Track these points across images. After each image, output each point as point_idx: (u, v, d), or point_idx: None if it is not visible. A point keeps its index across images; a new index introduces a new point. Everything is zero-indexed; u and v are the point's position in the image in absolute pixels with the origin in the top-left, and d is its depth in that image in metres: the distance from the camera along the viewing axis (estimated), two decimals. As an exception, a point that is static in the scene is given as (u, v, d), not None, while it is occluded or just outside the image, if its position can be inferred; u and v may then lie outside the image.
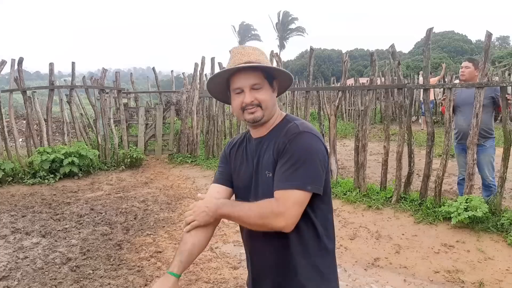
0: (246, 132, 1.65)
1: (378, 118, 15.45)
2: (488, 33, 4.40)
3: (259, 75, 1.46)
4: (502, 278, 3.39)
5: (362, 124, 5.59)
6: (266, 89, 1.48)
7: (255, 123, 1.49)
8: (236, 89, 1.47)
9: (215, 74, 1.52)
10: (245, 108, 1.47)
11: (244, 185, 1.55)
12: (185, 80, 10.09)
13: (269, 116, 1.50)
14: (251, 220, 1.38)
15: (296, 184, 1.34)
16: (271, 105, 1.49)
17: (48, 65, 7.49)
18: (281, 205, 1.34)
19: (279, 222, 1.34)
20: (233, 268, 3.70)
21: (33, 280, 3.48)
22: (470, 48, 46.96)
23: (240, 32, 68.38)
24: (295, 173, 1.35)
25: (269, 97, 1.48)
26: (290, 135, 1.41)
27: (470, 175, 4.56)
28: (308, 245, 1.45)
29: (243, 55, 1.48)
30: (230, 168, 1.63)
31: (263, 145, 1.51)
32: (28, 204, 5.67)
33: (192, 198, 5.98)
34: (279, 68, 1.52)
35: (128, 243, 4.27)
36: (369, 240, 4.28)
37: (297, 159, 1.37)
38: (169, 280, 1.39)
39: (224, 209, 1.43)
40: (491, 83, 4.61)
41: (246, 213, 1.39)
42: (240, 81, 1.46)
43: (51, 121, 7.72)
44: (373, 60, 5.55)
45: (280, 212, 1.33)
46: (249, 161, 1.55)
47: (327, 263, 1.50)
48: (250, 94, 1.45)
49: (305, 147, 1.39)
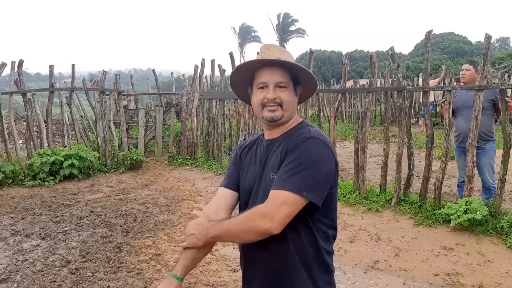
0: (260, 135, 1.63)
1: (378, 120, 15.46)
2: (488, 36, 4.41)
3: (286, 75, 1.44)
4: (502, 281, 3.38)
5: (362, 126, 5.59)
6: (290, 91, 1.45)
7: (273, 122, 1.45)
8: (260, 84, 1.45)
9: (243, 62, 1.49)
10: (265, 105, 1.44)
11: (248, 186, 1.52)
12: (185, 82, 10.11)
13: (288, 118, 1.47)
14: (238, 227, 1.33)
15: (289, 187, 1.29)
16: (291, 108, 1.46)
17: (48, 67, 7.51)
18: (268, 205, 1.29)
19: (265, 223, 1.28)
20: (233, 271, 3.70)
21: (33, 282, 3.48)
22: (470, 50, 47.03)
23: (240, 34, 68.42)
24: (294, 176, 1.31)
25: (291, 99, 1.46)
26: (300, 139, 1.38)
27: (470, 177, 4.56)
28: (306, 258, 1.41)
29: (274, 52, 1.46)
30: (239, 170, 1.60)
31: (273, 147, 1.48)
32: (28, 206, 5.67)
33: (192, 200, 5.99)
34: (308, 71, 1.47)
35: (128, 246, 4.27)
36: (369, 243, 4.27)
37: (299, 163, 1.32)
38: (173, 283, 1.41)
39: (213, 230, 1.38)
40: (491, 85, 4.61)
41: (232, 223, 1.35)
42: (266, 76, 1.43)
43: (51, 123, 7.73)
44: (373, 62, 5.55)
45: (265, 212, 1.28)
46: (256, 163, 1.53)
47: (326, 278, 1.46)
48: (274, 91, 1.43)
49: (312, 153, 1.34)
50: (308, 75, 1.47)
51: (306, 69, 1.46)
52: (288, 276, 1.41)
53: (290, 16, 66.27)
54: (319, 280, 1.43)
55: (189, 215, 5.26)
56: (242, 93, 1.60)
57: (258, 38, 69.53)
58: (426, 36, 4.86)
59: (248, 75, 1.50)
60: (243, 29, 68.94)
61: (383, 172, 5.47)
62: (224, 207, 1.54)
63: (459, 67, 29.87)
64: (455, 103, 4.77)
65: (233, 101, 8.01)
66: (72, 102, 8.72)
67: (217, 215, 1.51)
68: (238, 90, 1.61)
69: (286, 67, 1.44)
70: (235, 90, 1.62)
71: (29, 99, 7.46)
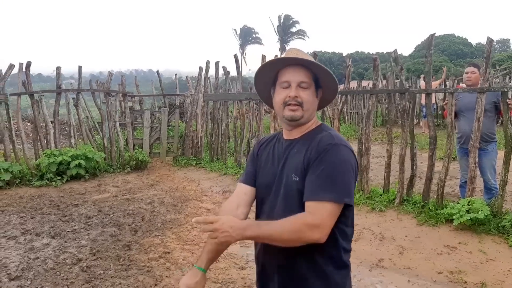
0: (278, 133, 1.67)
1: (380, 121, 15.54)
2: (490, 39, 4.50)
3: (309, 75, 1.49)
4: (504, 279, 3.47)
5: (366, 127, 5.68)
6: (311, 92, 1.50)
7: (293, 121, 1.50)
8: (283, 82, 1.49)
9: (268, 61, 1.53)
10: (287, 103, 1.48)
11: (266, 183, 1.57)
12: (188, 83, 10.22)
13: (308, 119, 1.52)
14: (284, 236, 1.33)
15: (333, 197, 1.34)
16: (312, 109, 1.52)
17: (56, 69, 7.61)
18: (317, 217, 1.33)
19: (315, 234, 1.32)
20: (241, 268, 3.79)
21: (45, 280, 3.57)
22: (470, 51, 47.15)
23: (241, 35, 68.55)
24: (332, 185, 1.36)
25: (312, 100, 1.51)
26: (326, 145, 1.42)
27: (472, 178, 4.64)
28: (325, 257, 1.46)
29: (298, 55, 1.50)
30: (256, 166, 1.65)
31: (293, 148, 1.52)
32: (36, 206, 5.76)
33: (198, 200, 6.07)
34: (330, 72, 1.50)
35: (137, 244, 4.36)
36: (373, 242, 4.36)
37: (333, 170, 1.37)
38: (198, 274, 1.52)
39: (250, 231, 1.36)
40: (492, 88, 4.69)
41: (277, 231, 1.34)
42: (289, 75, 1.48)
43: (58, 124, 7.83)
44: (376, 65, 5.65)
45: (315, 224, 1.32)
46: (275, 160, 1.57)
47: (343, 276, 1.52)
48: (296, 90, 1.47)
49: (341, 160, 1.40)
50: (329, 77, 1.51)
51: (328, 70, 1.50)
52: (306, 273, 1.47)
53: (291, 18, 66.48)
54: (337, 277, 1.49)
55: (196, 215, 5.35)
56: (265, 94, 1.66)
57: (259, 40, 69.71)
58: (429, 39, 4.95)
59: (272, 75, 1.55)
60: (244, 31, 69.06)
61: (387, 172, 5.56)
62: (244, 203, 1.62)
63: (460, 69, 29.98)
64: (457, 105, 4.85)
65: (237, 102, 8.11)
66: (79, 103, 8.82)
67: (238, 210, 1.60)
68: (261, 90, 1.66)
69: (309, 68, 1.50)
70: (259, 89, 1.67)
71: (36, 100, 7.55)
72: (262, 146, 1.69)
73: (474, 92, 4.56)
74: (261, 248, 1.59)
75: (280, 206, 1.50)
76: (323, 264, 1.46)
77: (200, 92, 8.62)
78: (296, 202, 1.43)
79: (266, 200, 1.57)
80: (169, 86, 27.26)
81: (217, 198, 6.14)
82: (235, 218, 1.41)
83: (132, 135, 8.85)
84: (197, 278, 1.51)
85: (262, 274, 1.63)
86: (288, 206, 1.45)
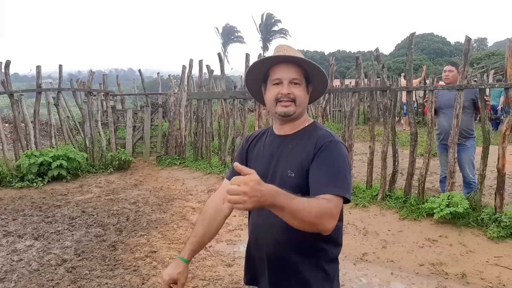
0: (267, 128, 1.69)
1: (362, 119, 15.75)
2: (468, 38, 4.63)
3: (300, 72, 1.51)
4: (483, 269, 3.59)
5: (349, 125, 5.77)
6: (303, 88, 1.52)
7: (286, 117, 1.52)
8: (275, 80, 1.51)
9: (260, 59, 1.54)
10: (279, 100, 1.50)
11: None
12: (171, 82, 10.15)
13: (300, 115, 1.54)
14: (309, 217, 1.22)
15: (343, 191, 1.35)
16: (303, 104, 1.54)
17: (36, 67, 7.45)
18: (335, 208, 1.32)
19: (331, 224, 1.29)
20: (228, 265, 3.82)
21: (30, 281, 3.52)
22: (449, 50, 48.14)
23: (223, 34, 68.37)
24: (341, 181, 1.37)
25: (304, 95, 1.53)
26: (326, 142, 1.44)
27: (451, 173, 4.78)
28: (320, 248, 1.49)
29: (288, 51, 1.52)
30: (245, 162, 1.66)
31: (288, 144, 1.53)
32: (18, 208, 5.66)
33: (183, 199, 6.06)
34: (320, 68, 1.53)
35: (123, 244, 4.33)
36: (357, 236, 4.45)
37: (338, 167, 1.40)
38: (181, 265, 1.57)
39: (281, 200, 1.19)
40: (471, 85, 4.83)
41: (305, 210, 1.22)
42: (281, 72, 1.50)
43: (38, 124, 7.68)
44: (359, 63, 5.74)
45: (333, 215, 1.31)
46: (267, 156, 1.57)
47: (332, 267, 1.54)
48: (288, 87, 1.49)
49: (343, 156, 1.43)
50: (320, 72, 1.54)
51: (319, 67, 1.52)
52: (298, 267, 1.49)
53: (273, 16, 66.64)
54: (329, 270, 1.52)
55: (181, 214, 5.34)
56: (255, 90, 1.67)
57: (241, 39, 69.68)
58: (410, 38, 5.06)
59: (263, 72, 1.57)
60: (226, 30, 68.91)
61: (369, 169, 5.66)
62: None
63: (439, 67, 30.57)
64: (437, 102, 4.98)
65: (221, 101, 8.11)
66: (59, 102, 8.68)
67: (224, 204, 1.63)
68: (252, 88, 1.68)
69: (300, 65, 1.51)
70: (250, 87, 1.68)
71: (16, 100, 7.40)
72: (253, 142, 1.69)
73: (453, 90, 4.69)
74: (253, 241, 1.61)
75: None
76: (316, 257, 1.49)
77: (184, 91, 8.59)
78: None
79: None
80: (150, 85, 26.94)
81: (202, 197, 6.14)
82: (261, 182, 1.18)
83: (114, 135, 8.74)
84: (180, 269, 1.56)
85: (252, 268, 1.64)
86: None
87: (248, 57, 7.00)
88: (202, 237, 1.60)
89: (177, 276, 1.55)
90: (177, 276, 1.55)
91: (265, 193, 1.14)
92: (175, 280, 1.56)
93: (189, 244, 1.60)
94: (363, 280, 3.52)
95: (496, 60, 24.30)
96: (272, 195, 1.16)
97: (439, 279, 3.48)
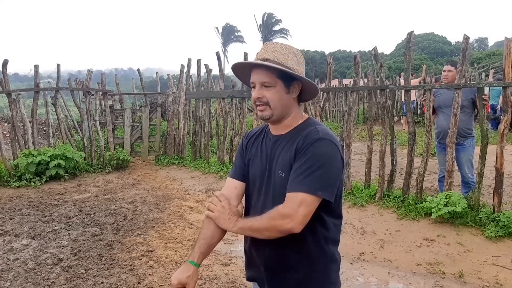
0: (265, 126, 1.66)
1: (361, 119, 15.73)
2: (466, 37, 4.61)
3: (271, 74, 1.45)
4: (480, 269, 3.57)
5: (347, 124, 5.75)
6: (278, 89, 1.47)
7: (265, 120, 1.53)
8: (251, 83, 1.51)
9: (235, 63, 1.54)
10: (256, 104, 1.50)
11: (255, 179, 1.59)
12: (170, 81, 10.13)
13: (280, 116, 1.51)
14: (262, 225, 1.41)
15: (306, 189, 1.36)
16: (280, 105, 1.48)
17: (33, 67, 7.44)
18: (287, 206, 1.37)
19: (287, 224, 1.36)
20: (224, 265, 3.80)
21: (26, 280, 3.51)
22: (449, 50, 48.09)
23: (223, 34, 68.30)
24: (308, 177, 1.37)
25: (278, 97, 1.47)
26: (310, 140, 1.42)
27: (450, 172, 4.76)
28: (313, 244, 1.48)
29: (268, 51, 1.48)
30: (245, 160, 1.65)
31: (280, 144, 1.52)
32: (15, 207, 5.65)
33: (181, 198, 6.05)
34: (287, 71, 1.44)
35: (119, 243, 4.32)
36: (355, 236, 4.43)
37: (312, 164, 1.38)
38: (190, 269, 1.51)
39: (239, 223, 1.48)
40: (469, 84, 4.81)
41: (256, 220, 1.44)
42: (254, 75, 1.49)
43: (36, 123, 7.67)
44: (357, 62, 5.72)
45: (286, 214, 1.36)
46: (262, 156, 1.57)
47: (332, 267, 1.53)
48: (259, 91, 1.48)
49: (322, 153, 1.40)
50: (289, 73, 1.46)
51: (283, 69, 1.44)
52: (295, 264, 1.49)
53: (273, 16, 66.60)
54: (326, 268, 1.51)
55: (179, 213, 5.33)
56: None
57: (242, 38, 69.61)
58: (408, 37, 5.04)
59: (248, 74, 1.54)
60: (226, 29, 68.81)
61: (367, 168, 5.64)
62: (235, 196, 1.61)
63: (439, 67, 30.49)
64: (436, 101, 4.96)
65: (220, 100, 8.09)
66: (58, 102, 8.66)
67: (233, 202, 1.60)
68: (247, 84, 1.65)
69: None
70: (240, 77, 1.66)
71: (14, 99, 7.38)
72: (251, 140, 1.68)
73: (452, 89, 4.67)
74: (250, 241, 1.60)
75: (268, 201, 1.50)
76: (313, 256, 1.49)
77: (182, 90, 8.57)
78: (283, 198, 1.42)
79: (255, 195, 1.58)
80: (150, 84, 26.99)
81: (200, 197, 6.13)
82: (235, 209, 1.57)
83: (112, 134, 8.73)
84: (189, 273, 1.50)
85: (251, 266, 1.65)
86: (276, 202, 1.45)
87: (246, 56, 6.98)
88: (210, 239, 1.56)
89: (186, 280, 1.49)
90: (186, 280, 1.49)
91: (230, 218, 1.52)
92: (184, 284, 1.50)
93: (198, 247, 1.55)
94: (360, 280, 3.50)
95: (496, 59, 24.26)
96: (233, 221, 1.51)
97: (436, 278, 3.46)
